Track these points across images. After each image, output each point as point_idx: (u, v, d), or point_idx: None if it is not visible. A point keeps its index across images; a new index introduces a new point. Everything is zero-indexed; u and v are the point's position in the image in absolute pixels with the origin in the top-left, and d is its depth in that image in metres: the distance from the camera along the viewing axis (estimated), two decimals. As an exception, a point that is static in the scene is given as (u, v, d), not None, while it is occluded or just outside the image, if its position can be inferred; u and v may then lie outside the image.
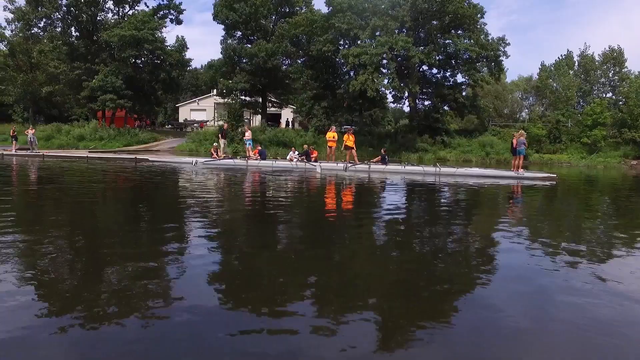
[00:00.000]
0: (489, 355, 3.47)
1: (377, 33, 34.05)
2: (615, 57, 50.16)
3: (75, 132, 41.69)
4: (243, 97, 41.41)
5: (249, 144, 23.37)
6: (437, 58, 33.68)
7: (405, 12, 32.35)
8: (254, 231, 7.90)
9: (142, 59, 45.61)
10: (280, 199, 12.15)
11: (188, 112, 66.56)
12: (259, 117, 47.33)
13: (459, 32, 36.51)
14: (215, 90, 45.81)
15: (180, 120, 63.89)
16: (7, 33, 47.82)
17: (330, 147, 21.71)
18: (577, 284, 5.04)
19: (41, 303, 4.20)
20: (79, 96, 45.17)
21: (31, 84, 48.05)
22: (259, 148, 23.48)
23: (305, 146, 22.27)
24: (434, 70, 37.51)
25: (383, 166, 19.52)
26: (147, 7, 47.52)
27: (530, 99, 60.85)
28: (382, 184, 16.10)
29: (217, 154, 22.93)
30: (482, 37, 35.89)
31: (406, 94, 37.54)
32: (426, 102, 38.81)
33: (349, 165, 19.78)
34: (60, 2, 44.98)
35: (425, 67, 37.02)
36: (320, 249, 6.58)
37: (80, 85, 44.63)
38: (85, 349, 3.39)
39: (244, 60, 40.25)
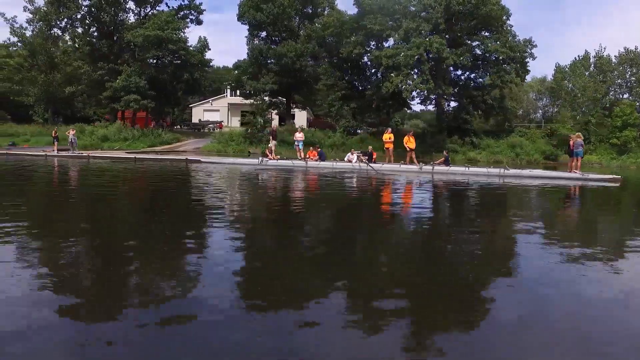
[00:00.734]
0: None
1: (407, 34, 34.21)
2: (632, 59, 50.62)
3: (100, 133, 41.53)
4: (267, 98, 41.41)
5: (300, 145, 23.41)
6: (469, 60, 33.86)
7: (439, 14, 32.52)
8: (377, 234, 8.01)
9: (165, 59, 45.50)
10: (374, 201, 12.27)
11: (201, 112, 66.37)
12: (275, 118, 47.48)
13: (486, 34, 36.84)
14: (236, 92, 45.68)
15: (194, 120, 63.80)
16: (27, 33, 47.45)
17: (387, 148, 21.84)
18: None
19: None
20: (100, 96, 44.96)
21: (51, 85, 47.77)
22: (319, 149, 23.47)
23: (370, 148, 22.29)
24: (459, 72, 37.70)
25: (447, 167, 19.67)
26: (168, 7, 47.53)
27: (544, 99, 61.39)
28: (455, 186, 16.19)
29: (272, 155, 22.99)
30: (509, 38, 36.17)
31: (433, 96, 37.77)
32: (452, 103, 38.94)
33: (424, 166, 19.86)
34: (82, 2, 44.89)
35: (450, 68, 37.22)
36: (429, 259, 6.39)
37: (102, 85, 44.46)
38: (105, 347, 3.40)
39: (270, 61, 40.32)
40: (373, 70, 39.71)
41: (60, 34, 48.25)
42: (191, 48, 45.34)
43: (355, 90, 39.23)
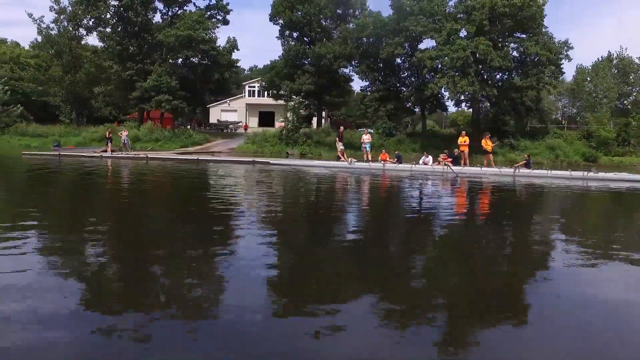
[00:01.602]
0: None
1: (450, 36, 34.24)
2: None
3: (130, 134, 41.20)
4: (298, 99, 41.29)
5: (367, 147, 23.34)
6: (512, 61, 33.97)
7: (484, 16, 32.58)
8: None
9: (195, 59, 45.25)
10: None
11: (218, 112, 66.05)
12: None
13: (523, 35, 36.94)
14: (268, 92, 45.51)
15: (212, 120, 63.50)
16: (53, 33, 46.92)
17: (462, 151, 21.84)
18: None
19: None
20: (130, 96, 44.61)
21: (77, 85, 47.34)
22: (396, 153, 23.38)
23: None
24: (498, 74, 37.77)
25: (529, 170, 19.71)
26: (195, 7, 47.27)
27: (563, 100, 61.85)
28: (541, 189, 16.18)
29: (344, 157, 22.92)
30: (546, 39, 36.28)
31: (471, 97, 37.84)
32: (487, 104, 39.02)
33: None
34: (110, 1, 44.52)
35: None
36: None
37: (131, 85, 44.13)
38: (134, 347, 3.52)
39: (306, 62, 40.22)
40: (408, 72, 39.79)
41: (85, 33, 47.89)
42: (220, 48, 45.15)
43: (391, 91, 39.20)
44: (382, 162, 22.09)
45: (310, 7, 38.70)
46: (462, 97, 34.48)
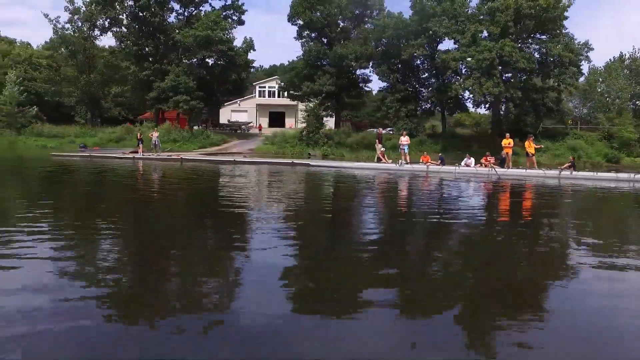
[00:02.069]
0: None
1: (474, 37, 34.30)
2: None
3: (148, 134, 41.08)
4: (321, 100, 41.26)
5: (406, 149, 23.33)
6: (536, 63, 34.06)
7: (508, 17, 32.65)
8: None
9: (211, 59, 45.14)
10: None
11: (228, 113, 65.85)
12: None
13: (542, 36, 37.06)
14: (286, 92, 45.42)
15: (221, 121, 63.27)
16: (67, 33, 46.72)
17: (507, 153, 21.86)
18: None
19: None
20: (146, 97, 44.43)
21: (92, 85, 47.17)
22: (439, 155, 23.33)
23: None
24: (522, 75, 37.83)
25: (574, 173, 19.74)
26: (211, 7, 47.17)
27: (574, 101, 61.95)
28: (598, 193, 16.14)
29: (385, 159, 22.90)
30: (567, 40, 36.38)
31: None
32: (512, 106, 39.09)
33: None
34: (127, 2, 44.37)
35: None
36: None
37: (147, 86, 43.98)
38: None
39: (325, 62, 40.19)
40: (427, 74, 39.86)
41: (99, 34, 47.72)
42: (236, 48, 45.05)
43: (411, 92, 39.23)
44: (426, 164, 22.05)
45: (331, 7, 38.67)
46: (485, 99, 34.42)
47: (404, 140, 23.57)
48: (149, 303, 4.45)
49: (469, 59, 32.86)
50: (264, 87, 68.08)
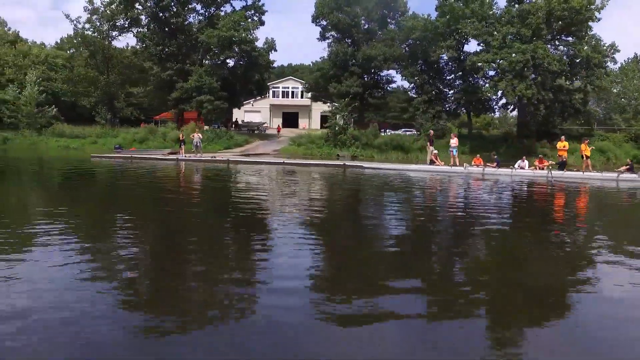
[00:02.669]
0: None
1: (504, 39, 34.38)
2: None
3: (172, 135, 40.89)
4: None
5: (455, 151, 23.32)
6: (567, 65, 34.19)
7: (540, 19, 32.77)
8: None
9: (231, 60, 45.10)
10: None
11: (242, 113, 65.72)
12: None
13: (569, 38, 37.22)
14: (309, 93, 45.38)
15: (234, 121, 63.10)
16: (87, 33, 46.48)
17: (560, 155, 21.93)
18: None
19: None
20: (168, 97, 44.24)
21: (112, 85, 46.95)
22: (495, 157, 23.34)
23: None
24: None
25: (634, 175, 19.83)
26: (232, 7, 47.06)
27: (590, 102, 62.31)
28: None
29: (439, 161, 22.92)
30: (594, 42, 36.54)
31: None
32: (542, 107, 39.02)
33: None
34: (147, 3, 44.15)
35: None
36: None
37: (170, 86, 43.81)
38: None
39: (351, 63, 40.21)
40: (453, 75, 39.95)
41: (117, 34, 47.52)
42: (259, 49, 44.97)
43: (437, 94, 39.33)
44: (480, 166, 22.05)
45: (358, 9, 38.69)
46: (520, 100, 34.45)
47: (453, 142, 23.55)
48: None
49: (500, 60, 32.90)
50: (278, 87, 68.08)
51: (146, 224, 8.99)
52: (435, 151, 23.62)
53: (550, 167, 21.03)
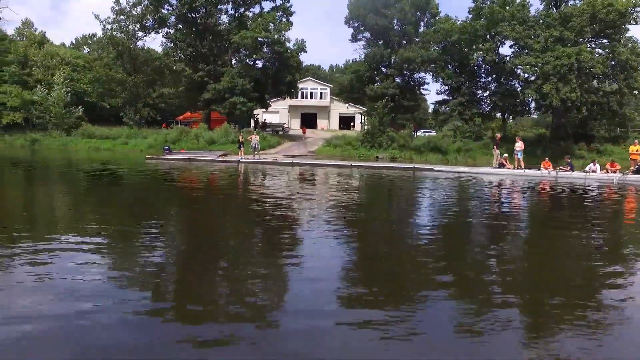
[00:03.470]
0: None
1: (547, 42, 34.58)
2: None
3: (206, 136, 40.73)
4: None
5: (520, 155, 23.39)
6: (609, 68, 34.44)
7: (584, 22, 33.00)
8: None
9: (260, 61, 44.98)
10: None
11: (260, 114, 65.48)
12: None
13: (604, 40, 37.50)
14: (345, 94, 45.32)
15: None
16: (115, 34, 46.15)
17: (633, 159, 22.04)
18: None
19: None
20: (200, 98, 44.03)
21: (139, 86, 46.66)
22: (569, 160, 23.38)
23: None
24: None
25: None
26: (260, 8, 46.94)
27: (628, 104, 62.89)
28: None
29: (508, 164, 22.98)
30: (632, 44, 36.81)
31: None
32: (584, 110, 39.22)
33: None
34: (177, 4, 43.95)
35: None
36: None
37: (201, 87, 43.63)
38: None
39: (385, 64, 40.30)
40: (490, 77, 40.13)
41: (143, 35, 47.23)
42: (290, 50, 44.90)
43: (473, 96, 39.51)
44: (550, 169, 22.12)
45: (394, 11, 38.74)
46: (565, 104, 34.61)
47: (519, 145, 23.57)
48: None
49: (540, 64, 33.07)
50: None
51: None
52: (505, 155, 23.64)
53: (626, 171, 21.11)
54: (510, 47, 39.05)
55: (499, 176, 21.51)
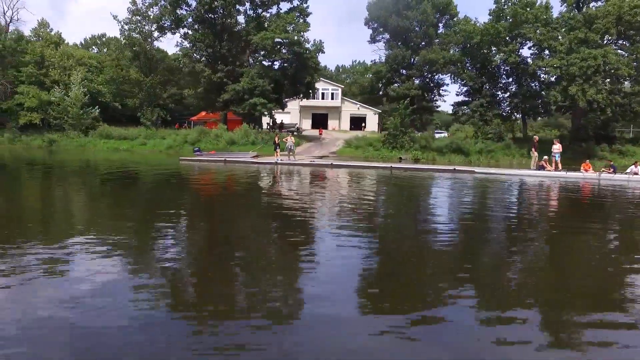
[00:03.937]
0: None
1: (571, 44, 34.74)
2: None
3: (226, 137, 40.69)
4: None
5: (557, 157, 23.48)
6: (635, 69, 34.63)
7: (610, 24, 33.19)
8: None
9: (278, 61, 44.96)
10: None
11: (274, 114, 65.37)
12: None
13: (624, 42, 37.73)
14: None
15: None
16: (133, 35, 46.04)
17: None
18: None
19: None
20: (218, 99, 43.97)
21: (156, 87, 46.59)
22: (611, 163, 23.49)
23: None
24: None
25: None
26: (278, 9, 46.89)
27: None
28: None
29: (549, 166, 23.08)
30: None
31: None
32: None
33: None
34: (198, 5, 43.86)
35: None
36: None
37: (218, 87, 43.57)
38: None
39: (404, 65, 40.39)
40: (510, 79, 40.30)
41: (159, 35, 47.13)
42: (308, 51, 44.89)
43: (493, 97, 39.66)
44: (598, 172, 22.19)
45: (417, 13, 38.84)
46: (591, 105, 34.83)
47: (556, 148, 23.66)
48: None
49: (564, 66, 33.26)
50: (307, 88, 67.92)
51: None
52: (545, 157, 23.70)
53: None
54: (529, 48, 39.37)
55: (542, 179, 21.57)
